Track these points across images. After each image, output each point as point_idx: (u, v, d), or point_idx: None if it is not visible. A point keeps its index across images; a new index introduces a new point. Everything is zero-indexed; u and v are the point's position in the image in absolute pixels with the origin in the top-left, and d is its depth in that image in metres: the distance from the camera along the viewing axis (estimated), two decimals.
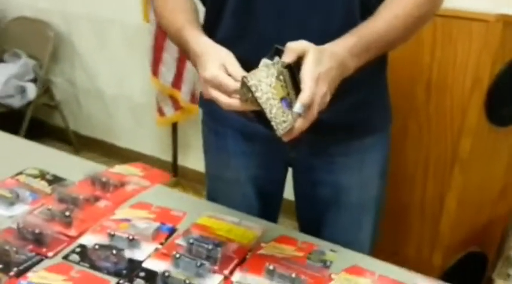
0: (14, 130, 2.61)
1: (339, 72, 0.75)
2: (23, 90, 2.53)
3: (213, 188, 1.11)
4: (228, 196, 1.07)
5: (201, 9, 0.95)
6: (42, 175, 1.03)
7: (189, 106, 2.21)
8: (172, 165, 2.50)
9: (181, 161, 2.57)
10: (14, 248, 0.76)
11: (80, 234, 0.85)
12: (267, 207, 1.09)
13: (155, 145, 2.69)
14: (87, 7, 2.59)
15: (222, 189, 1.09)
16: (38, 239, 0.80)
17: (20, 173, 1.03)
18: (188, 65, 2.14)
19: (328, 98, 0.72)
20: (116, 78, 2.70)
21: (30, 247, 0.80)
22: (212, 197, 1.10)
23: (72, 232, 0.85)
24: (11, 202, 0.91)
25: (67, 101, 2.92)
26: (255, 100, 0.67)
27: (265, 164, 1.03)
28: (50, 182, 1.01)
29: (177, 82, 2.15)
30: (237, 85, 0.68)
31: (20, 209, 0.90)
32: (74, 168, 1.05)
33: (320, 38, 0.77)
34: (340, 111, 0.91)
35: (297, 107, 0.68)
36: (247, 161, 1.02)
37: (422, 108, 1.33)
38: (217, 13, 0.89)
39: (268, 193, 1.08)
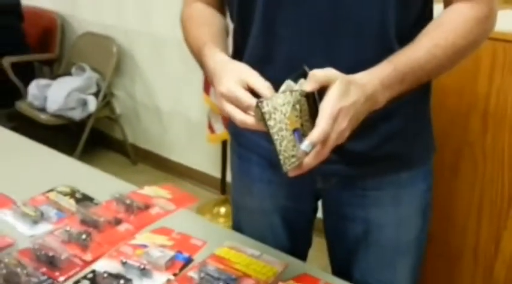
0: (74, 141, 2.73)
1: (366, 106, 0.69)
2: (84, 103, 2.64)
3: (237, 216, 1.07)
4: (252, 225, 1.02)
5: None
6: (72, 193, 1.04)
7: None
8: (221, 182, 2.49)
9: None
10: (25, 271, 0.76)
11: (96, 259, 0.83)
12: (295, 239, 1.03)
13: (206, 162, 2.70)
14: (148, 24, 2.67)
15: (246, 217, 1.04)
16: (52, 262, 0.80)
17: (52, 190, 1.05)
18: None
19: (346, 134, 0.66)
20: (172, 94, 2.75)
21: (44, 269, 0.79)
22: (237, 225, 1.06)
23: (88, 256, 0.83)
24: (35, 221, 0.92)
25: (127, 114, 3.01)
26: (267, 128, 0.63)
27: (293, 194, 0.97)
28: (78, 201, 1.01)
29: None
30: (253, 101, 0.64)
31: (42, 228, 0.91)
32: (106, 187, 1.05)
33: (351, 63, 0.72)
34: (373, 141, 0.84)
35: (305, 145, 0.62)
36: (273, 190, 0.97)
37: (478, 142, 1.22)
38: (244, 35, 0.86)
39: (296, 224, 1.01)
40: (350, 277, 0.95)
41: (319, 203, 1.00)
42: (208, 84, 2.17)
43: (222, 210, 2.48)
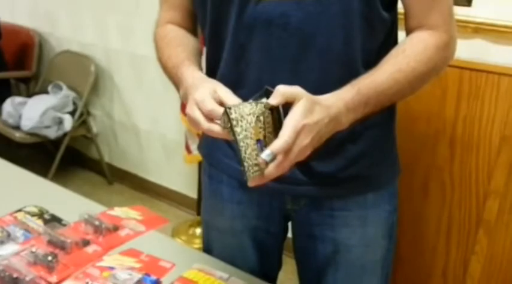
0: (50, 160, 2.69)
1: (330, 126, 0.71)
2: (60, 122, 2.61)
3: (208, 236, 1.07)
4: (223, 245, 1.02)
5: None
6: (40, 214, 1.03)
7: None
8: (197, 203, 2.48)
9: None
10: None
11: (61, 280, 0.82)
12: (266, 261, 1.03)
13: (182, 182, 2.69)
14: (128, 44, 2.67)
15: (216, 237, 1.04)
16: None
17: (20, 210, 1.03)
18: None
19: (308, 152, 0.68)
20: (150, 114, 2.74)
21: None
22: (207, 246, 1.06)
23: (53, 278, 0.82)
24: (1, 241, 0.90)
25: (104, 134, 2.99)
26: (233, 134, 0.65)
27: (263, 215, 0.98)
28: (46, 221, 1.00)
29: None
30: (221, 110, 0.68)
31: (8, 249, 0.89)
32: (76, 208, 1.04)
33: (317, 88, 0.74)
34: (340, 163, 0.86)
35: (265, 153, 0.64)
36: (244, 210, 0.98)
37: (446, 166, 1.25)
38: (216, 59, 0.88)
39: (267, 246, 1.02)
40: None
41: (289, 224, 1.01)
42: (185, 105, 2.17)
43: (198, 230, 2.46)
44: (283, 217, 0.99)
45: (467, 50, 0.90)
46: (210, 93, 0.71)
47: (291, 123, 0.66)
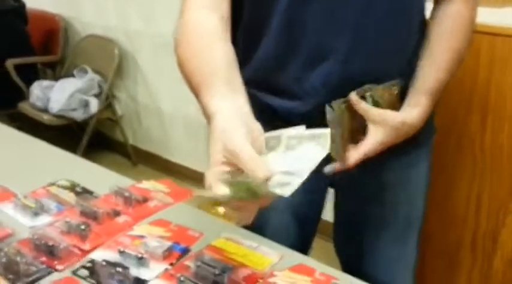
0: (76, 142, 2.74)
1: (407, 135, 0.82)
2: (86, 104, 2.66)
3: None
4: (266, 221, 1.03)
5: None
6: (72, 187, 1.05)
7: None
8: None
9: None
10: (24, 260, 0.77)
11: (94, 248, 0.84)
12: (303, 231, 1.05)
13: (206, 163, 2.71)
14: (150, 27, 2.69)
15: (260, 214, 1.05)
16: (51, 252, 0.81)
17: (53, 184, 1.06)
18: None
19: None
20: (173, 96, 2.76)
21: (43, 259, 0.80)
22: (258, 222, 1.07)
23: (86, 246, 0.84)
24: (35, 213, 0.93)
25: (128, 116, 3.03)
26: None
27: (307, 186, 0.98)
28: (78, 194, 1.02)
29: None
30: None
31: (42, 220, 0.92)
32: (106, 182, 1.06)
33: (375, 52, 0.81)
34: None
35: (329, 167, 0.77)
36: None
37: (477, 138, 1.23)
38: (258, 27, 0.84)
39: (305, 217, 1.04)
40: (360, 258, 1.00)
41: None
42: None
43: (221, 209, 2.48)
44: (325, 186, 1.01)
45: (499, 17, 0.92)
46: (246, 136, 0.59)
47: (365, 149, 0.78)
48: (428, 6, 0.91)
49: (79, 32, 3.06)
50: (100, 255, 0.82)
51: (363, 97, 0.81)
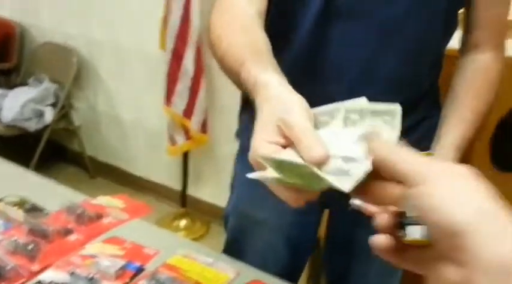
0: (30, 153, 2.65)
1: None
2: (40, 114, 2.57)
3: (238, 226, 1.05)
4: (252, 237, 1.02)
5: None
6: (21, 204, 1.01)
7: (199, 136, 2.19)
8: (181, 195, 2.47)
9: (193, 192, 2.54)
10: None
11: (43, 269, 0.81)
12: (294, 255, 1.03)
13: (167, 175, 2.67)
14: (110, 34, 2.64)
15: (248, 228, 1.03)
16: None
17: (0, 200, 1.02)
18: (200, 94, 2.13)
19: None
20: (133, 106, 2.72)
21: None
22: (235, 235, 1.05)
23: (35, 266, 0.81)
24: None
25: (86, 127, 2.96)
26: None
27: (303, 209, 0.97)
28: (27, 211, 0.98)
29: (188, 111, 2.14)
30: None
31: None
32: (58, 197, 1.02)
33: (388, 84, 0.81)
34: None
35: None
36: (285, 205, 0.97)
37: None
38: (281, 46, 0.78)
39: (298, 241, 1.02)
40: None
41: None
42: (169, 96, 2.16)
43: (182, 222, 2.45)
44: (321, 207, 1.00)
45: None
46: (273, 137, 0.48)
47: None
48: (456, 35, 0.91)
49: (36, 39, 2.98)
50: (49, 276, 0.78)
51: None
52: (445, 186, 0.36)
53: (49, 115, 2.59)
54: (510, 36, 0.96)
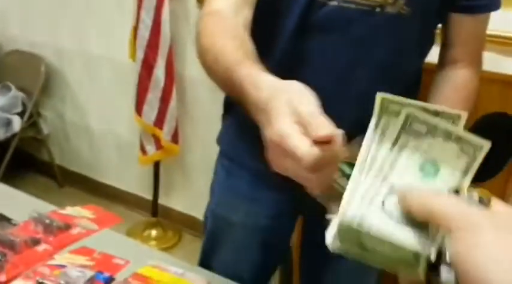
0: None
1: None
2: (8, 123, 2.53)
3: (215, 228, 1.06)
4: (231, 241, 1.04)
5: None
6: None
7: (170, 146, 2.19)
8: (152, 205, 2.46)
9: (164, 201, 2.53)
10: None
11: (10, 280, 0.80)
12: (266, 258, 1.05)
13: (138, 184, 2.66)
14: (79, 42, 2.62)
15: (224, 230, 1.04)
16: None
17: None
18: (171, 104, 2.13)
19: None
20: (103, 114, 2.69)
21: None
22: (211, 238, 1.07)
23: (2, 277, 0.80)
24: None
25: (55, 135, 2.91)
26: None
27: (276, 213, 0.99)
28: None
29: (159, 121, 2.14)
30: (313, 151, 0.46)
31: None
32: (26, 207, 1.01)
33: (361, 99, 0.79)
34: None
35: None
36: (258, 208, 0.99)
37: None
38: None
39: (271, 244, 1.03)
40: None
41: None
42: (140, 105, 2.16)
43: (153, 232, 2.44)
44: (295, 214, 1.02)
45: None
46: (291, 120, 0.49)
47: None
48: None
49: (4, 47, 2.92)
50: None
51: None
52: (490, 239, 0.34)
53: (17, 124, 2.54)
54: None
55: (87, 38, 2.58)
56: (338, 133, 0.47)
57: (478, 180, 1.45)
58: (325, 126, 0.47)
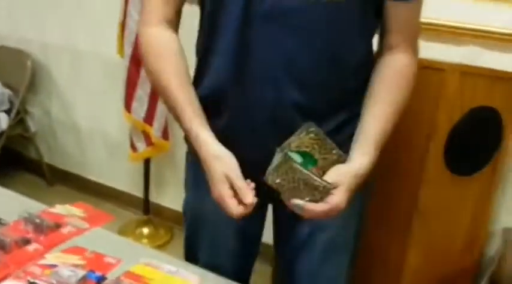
0: None
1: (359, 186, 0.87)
2: None
3: (193, 222, 1.09)
4: (206, 231, 1.06)
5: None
6: None
7: (161, 143, 2.17)
8: (144, 202, 2.44)
9: (155, 198, 2.51)
10: None
11: (1, 280, 0.79)
12: (246, 248, 1.08)
13: (128, 181, 2.64)
14: (66, 38, 2.59)
15: (201, 224, 1.07)
16: None
17: None
18: (160, 101, 2.12)
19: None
20: (92, 111, 2.67)
21: None
22: (191, 232, 1.09)
23: None
24: None
25: (43, 133, 2.88)
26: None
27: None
28: None
29: (149, 117, 2.12)
30: (239, 209, 0.82)
31: None
32: (16, 207, 1.00)
33: (311, 85, 0.87)
34: None
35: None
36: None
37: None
38: (210, 50, 0.91)
39: (247, 233, 1.06)
40: (294, 275, 1.03)
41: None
42: (129, 102, 2.14)
43: (145, 230, 2.42)
44: (265, 202, 1.03)
45: None
46: (223, 182, 0.84)
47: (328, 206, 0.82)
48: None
49: None
50: None
51: (288, 158, 0.80)
52: None
53: (4, 121, 2.51)
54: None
55: (74, 34, 2.55)
56: (253, 201, 0.82)
57: (466, 172, 1.46)
58: (249, 195, 0.82)
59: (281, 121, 0.87)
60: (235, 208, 0.81)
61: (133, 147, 2.25)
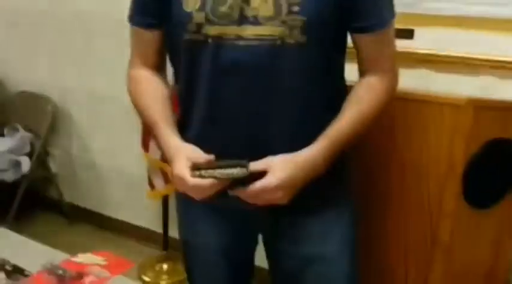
0: (8, 203, 2.61)
1: (307, 177, 0.88)
2: (17, 164, 2.56)
3: (187, 253, 1.14)
4: (201, 263, 1.11)
5: None
6: (2, 265, 1.01)
7: None
8: (163, 238, 2.46)
9: (174, 234, 2.53)
10: None
11: None
12: (237, 275, 1.12)
13: (148, 218, 2.66)
14: (85, 82, 2.67)
15: (195, 256, 1.12)
16: None
17: None
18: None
19: (285, 200, 0.87)
20: (110, 151, 2.72)
21: None
22: (187, 262, 1.15)
23: None
24: None
25: (63, 173, 2.94)
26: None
27: (236, 233, 1.07)
28: (8, 273, 0.98)
29: None
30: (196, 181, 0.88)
31: None
32: (38, 256, 1.03)
33: (284, 125, 0.92)
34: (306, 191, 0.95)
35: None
36: (218, 230, 1.06)
37: (397, 193, 1.31)
38: (189, 101, 0.99)
39: (238, 260, 1.11)
40: None
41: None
42: (146, 142, 2.18)
43: (165, 266, 2.43)
44: (254, 232, 1.09)
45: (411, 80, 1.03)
46: (186, 165, 0.89)
47: (261, 184, 0.86)
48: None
49: (9, 89, 2.98)
50: None
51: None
52: None
53: (26, 165, 2.57)
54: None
55: (89, 76, 2.64)
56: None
57: (485, 205, 1.45)
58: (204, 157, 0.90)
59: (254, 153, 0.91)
60: (192, 180, 0.86)
61: (151, 185, 2.28)
